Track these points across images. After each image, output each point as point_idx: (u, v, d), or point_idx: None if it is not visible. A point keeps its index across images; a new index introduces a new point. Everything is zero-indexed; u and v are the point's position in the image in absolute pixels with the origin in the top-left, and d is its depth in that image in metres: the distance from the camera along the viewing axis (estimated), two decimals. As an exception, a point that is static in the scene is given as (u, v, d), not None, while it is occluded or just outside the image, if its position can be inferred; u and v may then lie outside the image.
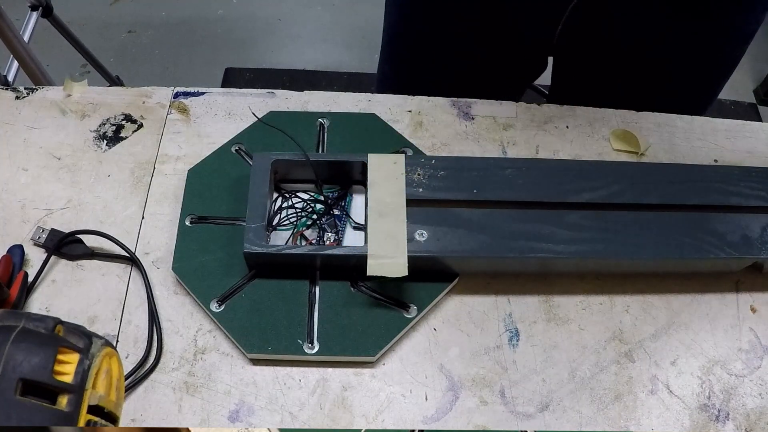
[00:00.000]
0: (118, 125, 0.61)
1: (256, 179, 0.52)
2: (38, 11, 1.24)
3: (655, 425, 0.49)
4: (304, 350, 0.48)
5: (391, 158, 0.54)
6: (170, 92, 0.64)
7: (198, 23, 1.83)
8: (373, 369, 0.50)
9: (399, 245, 0.49)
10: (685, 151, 0.62)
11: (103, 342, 0.34)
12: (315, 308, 0.51)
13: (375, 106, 0.63)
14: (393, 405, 0.48)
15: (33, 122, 0.61)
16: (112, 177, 0.58)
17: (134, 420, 0.47)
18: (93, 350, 0.33)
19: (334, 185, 0.57)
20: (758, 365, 0.51)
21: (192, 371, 0.49)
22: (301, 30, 1.83)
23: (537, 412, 0.49)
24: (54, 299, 0.52)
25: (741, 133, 0.64)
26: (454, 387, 0.49)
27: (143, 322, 0.51)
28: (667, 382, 0.50)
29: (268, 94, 0.64)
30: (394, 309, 0.51)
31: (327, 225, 0.54)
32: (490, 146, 0.61)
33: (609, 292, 0.54)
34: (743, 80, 1.79)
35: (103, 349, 0.34)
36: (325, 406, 0.48)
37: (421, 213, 0.51)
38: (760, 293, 0.55)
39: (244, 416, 0.48)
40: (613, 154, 0.61)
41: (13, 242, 0.54)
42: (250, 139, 0.58)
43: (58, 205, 0.56)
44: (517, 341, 0.51)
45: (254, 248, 0.49)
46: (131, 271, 0.53)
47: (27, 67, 1.15)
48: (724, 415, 0.49)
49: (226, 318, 0.50)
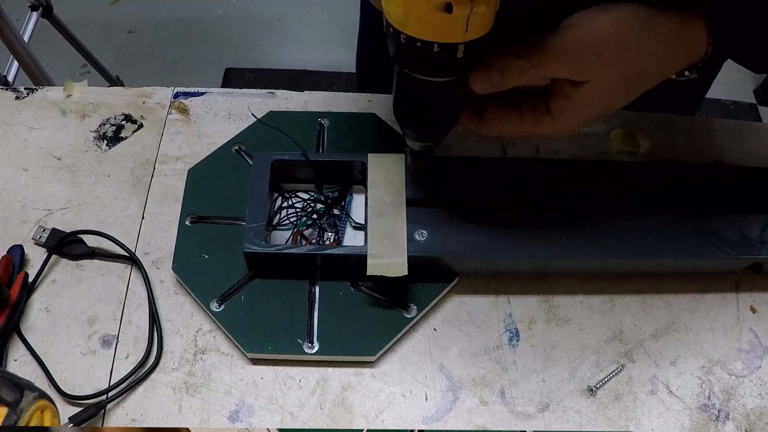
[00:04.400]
0: (118, 125, 0.61)
1: (256, 179, 0.52)
2: (38, 11, 1.25)
3: (655, 425, 0.49)
4: (304, 350, 0.48)
5: (391, 158, 0.54)
6: (170, 92, 0.64)
7: (198, 23, 1.83)
8: (373, 369, 0.50)
9: (399, 245, 0.49)
10: (685, 151, 0.62)
11: (36, 395, 0.34)
12: (315, 308, 0.51)
13: (375, 106, 0.63)
14: (393, 405, 0.48)
15: (33, 122, 0.61)
16: (112, 177, 0.58)
17: (134, 420, 0.47)
18: (23, 404, 0.33)
19: (334, 185, 0.57)
20: (758, 365, 0.51)
21: (192, 371, 0.49)
22: (301, 30, 1.84)
23: (537, 412, 0.49)
24: (54, 299, 0.52)
25: (741, 133, 0.64)
26: (454, 387, 0.49)
27: (143, 322, 0.51)
28: (667, 382, 0.50)
29: (268, 94, 0.64)
30: (394, 309, 0.51)
31: (327, 225, 0.54)
32: (490, 146, 0.61)
33: (609, 292, 0.54)
34: (743, 80, 1.79)
35: (35, 402, 0.33)
36: (325, 406, 0.48)
37: (421, 213, 0.51)
38: (760, 293, 0.55)
39: (244, 416, 0.48)
40: (613, 154, 0.61)
41: (13, 242, 0.54)
42: (250, 139, 0.58)
43: (58, 206, 0.56)
44: (517, 341, 0.51)
45: (254, 248, 0.49)
46: (131, 271, 0.53)
47: (27, 67, 1.16)
48: (724, 415, 0.49)
49: (226, 318, 0.50)
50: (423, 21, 0.37)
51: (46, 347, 0.50)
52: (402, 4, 0.37)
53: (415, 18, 0.38)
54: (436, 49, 0.39)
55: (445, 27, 0.38)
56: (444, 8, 0.36)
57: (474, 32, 0.38)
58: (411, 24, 0.38)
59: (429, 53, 0.39)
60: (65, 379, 0.48)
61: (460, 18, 0.37)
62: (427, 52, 0.39)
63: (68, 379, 0.48)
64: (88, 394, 0.48)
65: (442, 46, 0.39)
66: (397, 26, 0.39)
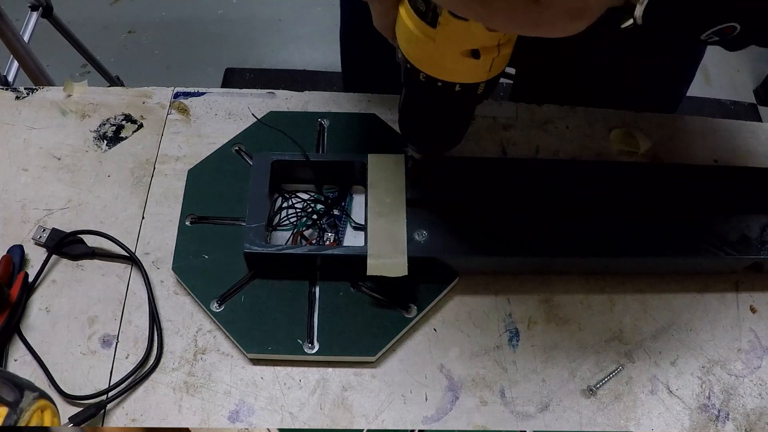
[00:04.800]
0: (118, 125, 0.61)
1: (256, 179, 0.52)
2: (38, 11, 1.24)
3: (655, 425, 0.49)
4: (304, 350, 0.48)
5: (391, 158, 0.54)
6: (170, 92, 0.64)
7: (198, 23, 1.83)
8: (373, 369, 0.50)
9: (399, 245, 0.49)
10: (685, 151, 0.62)
11: (36, 395, 0.34)
12: (315, 308, 0.51)
13: (375, 106, 0.63)
14: (393, 405, 0.48)
15: (33, 122, 0.61)
16: (112, 177, 0.58)
17: (134, 420, 0.47)
18: (23, 404, 0.33)
19: (334, 185, 0.57)
20: (758, 365, 0.51)
21: (192, 371, 0.49)
22: (301, 30, 1.83)
23: (537, 412, 0.49)
24: (54, 299, 0.52)
25: (741, 133, 0.64)
26: (454, 387, 0.49)
27: (143, 322, 0.51)
28: (667, 382, 0.50)
29: (268, 94, 0.64)
30: (394, 309, 0.51)
31: (327, 225, 0.54)
32: (490, 146, 0.61)
33: (609, 292, 0.54)
34: (743, 80, 1.79)
35: (35, 402, 0.33)
36: (325, 406, 0.48)
37: (421, 213, 0.51)
38: (760, 293, 0.55)
39: (244, 416, 0.48)
40: (613, 154, 0.61)
41: (13, 242, 0.54)
42: (250, 139, 0.58)
43: (58, 206, 0.56)
44: (517, 341, 0.51)
45: (254, 248, 0.49)
46: (131, 271, 0.53)
47: (27, 67, 1.15)
48: (724, 415, 0.49)
49: (226, 318, 0.50)
50: (447, 65, 0.36)
51: (46, 347, 0.50)
52: (424, 48, 0.35)
53: (439, 62, 0.36)
54: (457, 88, 0.37)
55: (469, 70, 0.36)
56: (470, 54, 0.35)
57: (496, 70, 0.37)
58: (434, 67, 0.36)
59: (450, 92, 0.38)
60: (65, 379, 0.48)
61: (486, 62, 0.35)
62: (447, 91, 0.38)
63: (68, 379, 0.48)
64: (88, 394, 0.48)
65: (463, 86, 0.37)
66: (417, 66, 0.37)
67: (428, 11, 0.34)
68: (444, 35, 0.34)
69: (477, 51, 0.34)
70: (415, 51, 0.37)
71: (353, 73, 0.81)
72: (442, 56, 0.36)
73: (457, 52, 0.35)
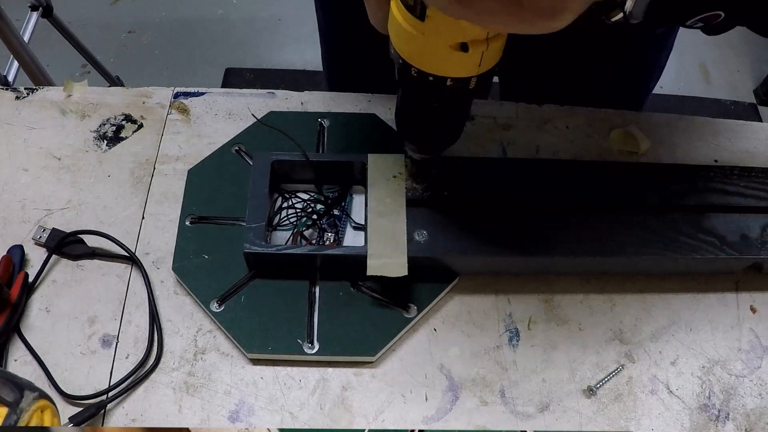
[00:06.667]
0: (118, 125, 0.61)
1: (256, 179, 0.52)
2: (38, 11, 1.25)
3: (655, 425, 0.49)
4: (304, 350, 0.48)
5: (391, 158, 0.54)
6: (170, 92, 0.64)
7: (198, 23, 1.83)
8: (373, 369, 0.50)
9: (399, 245, 0.49)
10: (685, 151, 0.62)
11: (36, 395, 0.34)
12: (315, 308, 0.51)
13: (375, 106, 0.63)
14: (393, 405, 0.48)
15: (33, 122, 0.61)
16: (112, 177, 0.58)
17: (134, 420, 0.47)
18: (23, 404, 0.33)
19: (334, 185, 0.57)
20: (758, 365, 0.51)
21: (192, 371, 0.49)
22: (301, 30, 1.83)
23: (537, 413, 0.49)
24: (54, 299, 0.52)
25: (741, 133, 0.64)
26: (454, 387, 0.49)
27: (143, 322, 0.51)
28: (667, 382, 0.50)
29: (268, 94, 0.64)
30: (394, 309, 0.51)
31: (327, 225, 0.54)
32: (490, 146, 0.61)
33: (609, 292, 0.54)
34: (743, 80, 1.79)
35: (35, 402, 0.34)
36: (325, 406, 0.48)
37: (421, 213, 0.51)
38: (760, 293, 0.55)
39: (244, 416, 0.48)
40: (613, 154, 0.61)
41: (13, 242, 0.54)
42: (250, 139, 0.58)
43: (58, 206, 0.56)
44: (517, 341, 0.51)
45: (254, 248, 0.49)
46: (131, 271, 0.53)
47: (27, 67, 1.16)
48: (724, 415, 0.49)
49: (226, 318, 0.50)
50: (437, 59, 0.36)
51: (46, 347, 0.50)
52: (414, 42, 0.36)
53: (428, 56, 0.36)
54: (449, 83, 0.38)
55: (459, 64, 0.36)
56: (459, 48, 0.35)
57: (487, 65, 0.37)
58: (424, 61, 0.37)
59: (441, 86, 0.38)
60: (65, 379, 0.48)
61: (476, 55, 0.36)
62: (438, 86, 0.38)
63: (68, 379, 0.48)
64: (88, 394, 0.48)
65: (455, 80, 0.38)
66: (408, 60, 0.37)
67: (416, 5, 0.35)
68: (432, 28, 0.35)
69: (465, 44, 0.35)
70: (406, 45, 0.37)
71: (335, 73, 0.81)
72: (431, 50, 0.36)
73: (446, 46, 0.35)
